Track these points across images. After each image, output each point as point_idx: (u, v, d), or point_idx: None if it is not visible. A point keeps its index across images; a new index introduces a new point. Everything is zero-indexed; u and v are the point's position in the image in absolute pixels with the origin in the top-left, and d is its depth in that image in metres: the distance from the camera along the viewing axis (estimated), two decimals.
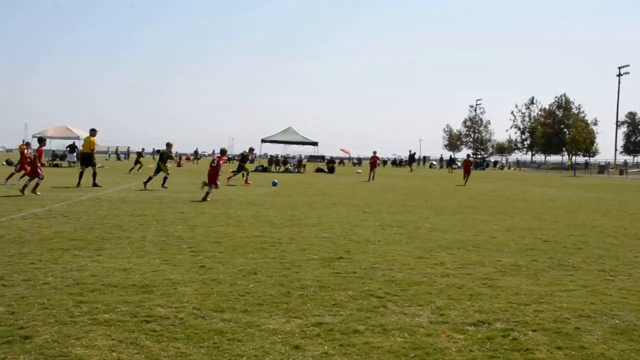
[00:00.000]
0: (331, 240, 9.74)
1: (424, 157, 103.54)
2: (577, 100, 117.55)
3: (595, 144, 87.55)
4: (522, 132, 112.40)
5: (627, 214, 16.24)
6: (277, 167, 50.46)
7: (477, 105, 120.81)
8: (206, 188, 16.78)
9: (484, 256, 8.64)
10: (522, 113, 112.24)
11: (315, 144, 52.40)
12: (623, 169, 74.75)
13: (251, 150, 29.92)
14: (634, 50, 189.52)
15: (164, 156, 22.66)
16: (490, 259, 8.44)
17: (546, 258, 8.62)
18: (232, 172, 26.71)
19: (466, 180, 32.33)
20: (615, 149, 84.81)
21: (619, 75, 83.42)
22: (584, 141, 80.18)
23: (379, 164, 33.90)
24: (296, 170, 48.86)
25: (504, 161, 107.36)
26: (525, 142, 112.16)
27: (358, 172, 49.37)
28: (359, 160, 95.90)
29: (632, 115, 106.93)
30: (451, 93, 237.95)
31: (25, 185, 16.61)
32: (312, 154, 72.46)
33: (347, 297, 6.01)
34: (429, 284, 6.67)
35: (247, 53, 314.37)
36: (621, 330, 5.07)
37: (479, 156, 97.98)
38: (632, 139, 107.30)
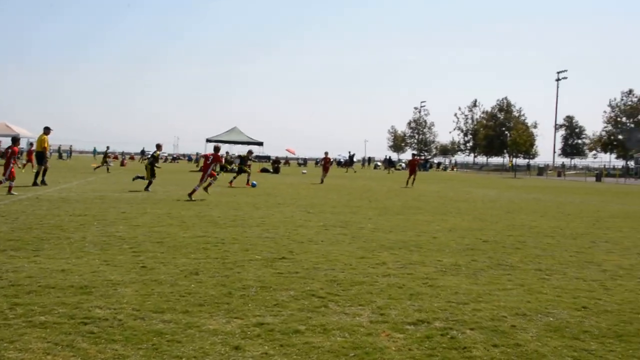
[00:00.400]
0: (274, 241, 9.71)
1: (369, 158, 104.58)
2: (518, 103, 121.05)
3: (535, 147, 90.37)
4: (465, 134, 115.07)
5: (564, 215, 16.78)
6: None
7: (421, 107, 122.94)
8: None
9: (426, 256, 8.77)
10: (465, 115, 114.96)
11: (260, 144, 52.25)
12: (561, 171, 77.58)
13: (250, 152, 29.53)
14: (572, 55, 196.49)
15: (154, 159, 21.95)
16: (432, 258, 8.57)
17: (485, 258, 8.81)
18: (234, 176, 26.39)
19: (413, 181, 30.63)
20: (554, 152, 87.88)
21: (558, 80, 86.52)
22: (524, 143, 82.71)
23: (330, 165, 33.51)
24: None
25: (447, 162, 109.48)
26: (468, 144, 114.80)
27: (303, 173, 49.47)
28: (305, 161, 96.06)
29: (569, 118, 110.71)
30: (397, 94, 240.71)
31: None
32: (258, 154, 72.18)
33: (288, 297, 6.00)
34: (370, 284, 6.72)
35: (199, 53, 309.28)
36: (554, 328, 5.23)
37: (423, 157, 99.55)
38: (569, 142, 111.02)
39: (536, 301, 6.20)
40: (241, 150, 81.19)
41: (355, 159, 74.06)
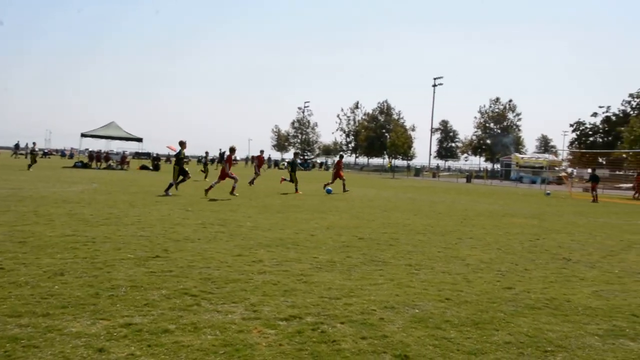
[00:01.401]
0: (149, 239, 9.45)
1: (253, 157, 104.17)
2: (398, 107, 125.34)
3: (412, 149, 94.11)
4: (347, 135, 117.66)
5: (435, 213, 17.61)
6: (99, 164, 47.94)
7: (305, 107, 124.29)
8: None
9: (302, 253, 8.88)
10: (348, 117, 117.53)
11: (139, 140, 50.60)
12: (435, 172, 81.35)
13: (296, 155, 28.03)
14: (447, 63, 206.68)
15: (180, 158, 20.91)
16: (308, 256, 8.70)
17: (360, 254, 9.07)
18: (293, 183, 25.31)
19: (337, 182, 26.85)
20: (430, 154, 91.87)
21: (434, 85, 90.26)
22: (402, 145, 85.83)
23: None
24: (119, 167, 46.79)
25: (329, 162, 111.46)
26: (350, 145, 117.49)
27: None
28: (187, 158, 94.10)
29: (444, 123, 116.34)
30: (282, 94, 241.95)
31: None
32: (137, 150, 69.91)
33: (160, 296, 5.86)
34: (245, 281, 6.72)
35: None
36: (419, 319, 5.49)
37: (304, 157, 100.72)
38: (444, 145, 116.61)
39: (404, 294, 6.47)
40: (120, 146, 78.62)
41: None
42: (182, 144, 21.32)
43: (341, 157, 30.02)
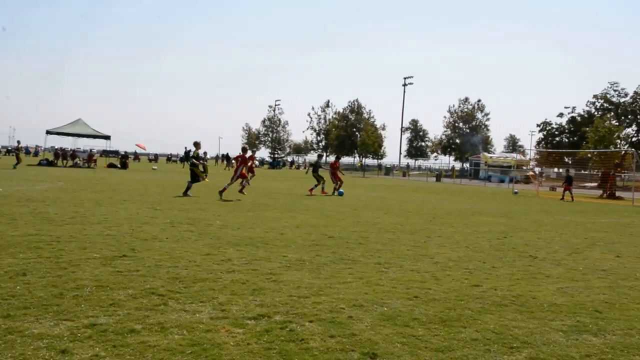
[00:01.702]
0: (116, 238, 9.31)
1: (223, 155, 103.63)
2: (368, 105, 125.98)
3: (383, 148, 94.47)
4: (318, 134, 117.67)
5: (405, 212, 17.71)
6: (65, 162, 47.15)
7: (276, 105, 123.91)
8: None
9: (271, 252, 8.84)
10: (318, 115, 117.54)
11: (107, 137, 49.87)
12: (406, 171, 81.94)
13: (320, 157, 26.97)
14: (417, 62, 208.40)
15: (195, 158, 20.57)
16: (277, 254, 8.66)
17: (329, 253, 9.06)
18: (315, 185, 24.78)
19: (340, 185, 24.93)
20: (400, 153, 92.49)
21: (404, 85, 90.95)
22: (373, 144, 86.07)
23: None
24: (86, 165, 46.10)
25: (300, 161, 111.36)
26: (320, 144, 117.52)
27: (153, 169, 48.04)
28: (155, 157, 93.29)
29: (414, 122, 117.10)
30: (254, 93, 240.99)
31: None
32: (105, 148, 68.87)
33: (126, 296, 5.77)
34: (213, 280, 6.66)
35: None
36: (388, 317, 5.50)
37: (275, 155, 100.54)
38: (414, 144, 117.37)
39: (373, 293, 6.48)
40: (87, 143, 77.32)
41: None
42: (197, 145, 21.04)
43: (337, 158, 28.93)
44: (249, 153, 21.94)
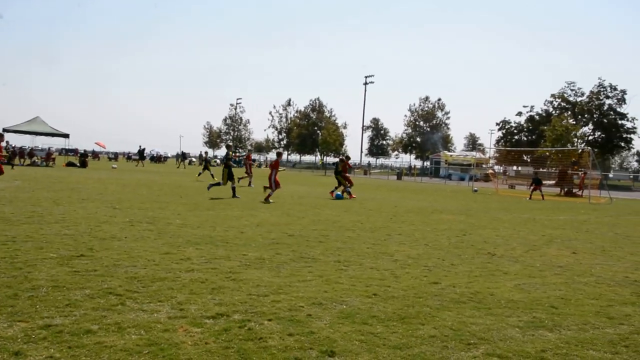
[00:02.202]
0: (74, 238, 9.14)
1: (184, 154, 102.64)
2: (329, 104, 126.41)
3: (344, 146, 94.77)
4: (280, 132, 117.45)
5: (366, 210, 17.81)
6: (22, 160, 46.06)
7: (237, 103, 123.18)
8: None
9: (231, 251, 8.81)
10: (280, 114, 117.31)
11: (66, 136, 48.90)
12: (367, 169, 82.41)
13: (348, 158, 25.16)
14: (378, 61, 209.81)
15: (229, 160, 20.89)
16: (237, 253, 8.63)
17: (289, 251, 9.07)
18: (338, 188, 23.34)
19: (351, 185, 23.70)
20: (361, 151, 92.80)
21: (365, 84, 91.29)
22: (334, 142, 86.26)
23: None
24: (44, 164, 45.11)
25: (262, 160, 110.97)
26: (282, 142, 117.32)
27: (113, 167, 47.29)
28: (115, 155, 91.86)
29: (376, 120, 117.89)
30: (216, 92, 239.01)
31: None
32: (64, 147, 67.60)
33: (83, 296, 5.69)
34: (172, 280, 6.60)
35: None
36: (347, 315, 5.54)
37: (237, 154, 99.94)
38: (375, 143, 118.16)
39: (333, 291, 6.51)
40: (45, 142, 75.73)
41: (146, 153, 71.49)
42: (229, 147, 22.14)
43: (347, 158, 25.34)
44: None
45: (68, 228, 10.19)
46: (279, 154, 21.73)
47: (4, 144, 16.74)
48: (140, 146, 63.75)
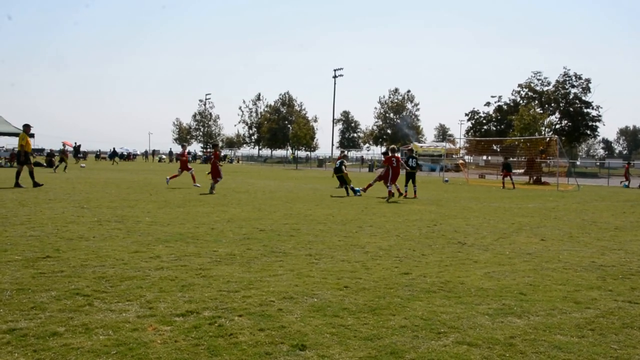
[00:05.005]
0: (39, 239, 8.97)
1: (153, 151, 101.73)
2: (299, 98, 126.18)
3: (315, 140, 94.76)
4: (250, 127, 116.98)
5: (337, 203, 17.83)
6: None
7: (206, 99, 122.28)
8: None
9: (202, 247, 8.73)
10: (250, 109, 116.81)
11: (31, 135, 47.88)
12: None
13: (344, 156, 25.11)
14: (348, 53, 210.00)
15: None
16: (207, 249, 8.56)
17: (260, 246, 9.02)
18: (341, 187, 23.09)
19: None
20: (332, 144, 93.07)
21: (335, 77, 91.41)
22: (305, 136, 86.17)
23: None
24: (8, 164, 44.23)
25: (232, 155, 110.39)
26: (252, 137, 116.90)
27: (82, 167, 46.64)
28: (84, 154, 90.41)
29: (346, 113, 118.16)
30: (187, 89, 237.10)
31: None
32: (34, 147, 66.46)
33: (49, 298, 5.57)
34: (141, 278, 6.51)
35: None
36: (318, 308, 5.52)
37: (207, 150, 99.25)
38: (346, 135, 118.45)
39: (304, 284, 6.49)
40: (9, 142, 74.10)
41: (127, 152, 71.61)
42: (216, 147, 24.12)
43: (215, 146, 24.55)
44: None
45: (34, 229, 10.00)
46: (215, 145, 23.62)
47: None
48: (75, 143, 64.59)
